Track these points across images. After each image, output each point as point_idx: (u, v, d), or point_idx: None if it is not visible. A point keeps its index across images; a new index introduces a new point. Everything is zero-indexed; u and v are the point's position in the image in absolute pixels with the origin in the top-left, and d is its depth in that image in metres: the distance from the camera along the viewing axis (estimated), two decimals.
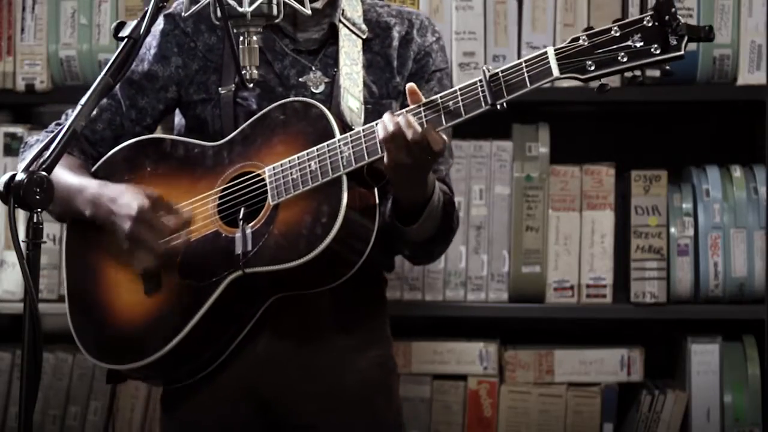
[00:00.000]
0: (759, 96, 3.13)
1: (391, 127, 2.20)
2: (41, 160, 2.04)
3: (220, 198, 2.35)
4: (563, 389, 3.18)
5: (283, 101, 2.36)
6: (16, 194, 1.97)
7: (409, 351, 3.21)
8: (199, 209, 2.36)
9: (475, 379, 3.19)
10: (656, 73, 3.13)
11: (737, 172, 3.19)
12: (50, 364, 3.27)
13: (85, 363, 3.27)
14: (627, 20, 2.12)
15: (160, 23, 2.46)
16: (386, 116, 2.22)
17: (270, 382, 2.40)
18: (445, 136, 2.23)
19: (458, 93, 2.20)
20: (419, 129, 2.18)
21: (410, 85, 2.24)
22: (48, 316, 2.32)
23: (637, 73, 2.15)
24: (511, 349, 3.22)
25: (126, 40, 2.19)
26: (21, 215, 2.02)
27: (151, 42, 2.47)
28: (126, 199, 2.33)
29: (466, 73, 3.15)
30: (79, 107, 2.11)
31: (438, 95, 2.22)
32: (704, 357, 3.16)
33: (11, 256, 3.28)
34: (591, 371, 3.19)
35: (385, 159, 2.22)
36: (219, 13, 2.19)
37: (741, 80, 3.15)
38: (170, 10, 2.47)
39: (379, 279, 2.51)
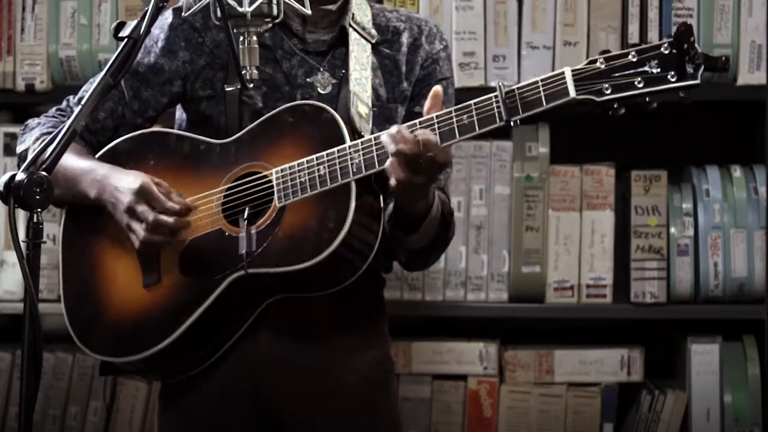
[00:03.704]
0: (759, 96, 3.13)
1: (392, 146, 2.18)
2: (41, 160, 2.04)
3: (225, 196, 2.35)
4: (563, 389, 3.18)
5: (293, 103, 2.35)
6: (16, 194, 1.97)
7: (409, 351, 3.20)
8: (203, 206, 2.36)
9: (475, 379, 3.19)
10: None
11: (737, 172, 3.19)
12: (50, 364, 3.27)
13: (85, 363, 3.27)
14: (644, 46, 2.11)
15: (168, 17, 2.45)
16: (392, 130, 2.19)
17: (269, 381, 2.39)
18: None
19: (473, 107, 2.19)
20: (418, 145, 2.16)
21: (436, 88, 2.23)
22: (48, 316, 2.32)
23: (654, 104, 2.12)
24: (511, 349, 3.22)
25: (126, 40, 2.19)
26: (21, 215, 2.02)
27: (159, 35, 2.45)
28: (132, 177, 2.33)
29: (466, 73, 3.15)
30: (79, 107, 2.11)
31: (452, 108, 2.21)
32: (704, 357, 3.15)
33: (11, 256, 3.28)
34: (591, 371, 3.19)
35: (391, 178, 2.20)
36: (219, 13, 2.19)
37: (741, 80, 3.15)
38: (179, 4, 2.46)
39: (378, 279, 2.51)
